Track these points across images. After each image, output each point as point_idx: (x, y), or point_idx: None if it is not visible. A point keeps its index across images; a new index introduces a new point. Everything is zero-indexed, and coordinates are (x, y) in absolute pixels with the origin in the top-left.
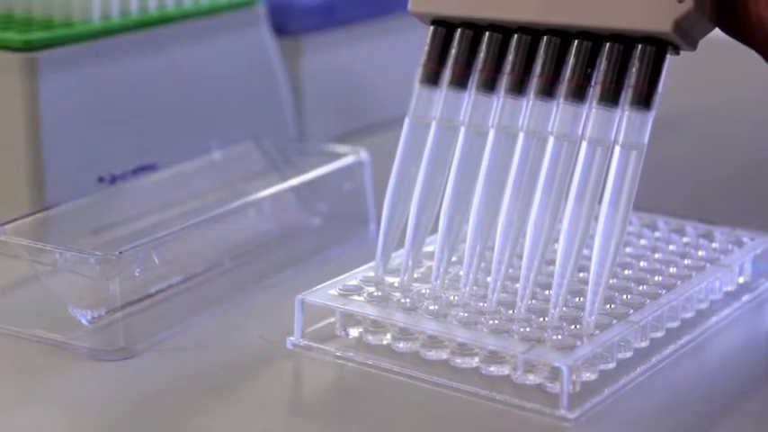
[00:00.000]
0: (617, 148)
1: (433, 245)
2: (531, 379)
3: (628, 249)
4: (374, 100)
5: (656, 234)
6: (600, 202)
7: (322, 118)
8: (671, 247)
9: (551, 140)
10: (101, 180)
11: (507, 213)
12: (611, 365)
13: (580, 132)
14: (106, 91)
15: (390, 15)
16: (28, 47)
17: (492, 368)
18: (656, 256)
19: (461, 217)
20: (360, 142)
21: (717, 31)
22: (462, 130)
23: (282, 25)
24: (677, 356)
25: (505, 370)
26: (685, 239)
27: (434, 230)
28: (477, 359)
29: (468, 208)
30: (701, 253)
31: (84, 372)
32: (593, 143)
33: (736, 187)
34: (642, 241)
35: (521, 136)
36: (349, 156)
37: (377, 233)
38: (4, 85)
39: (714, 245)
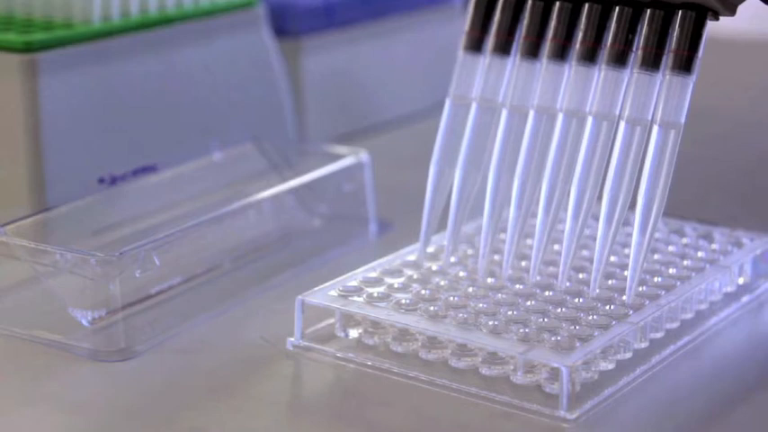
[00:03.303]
0: (655, 128)
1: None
2: (531, 379)
3: (627, 250)
4: (374, 101)
5: (656, 235)
6: (638, 180)
7: (322, 119)
8: (670, 248)
9: (590, 120)
10: (101, 181)
11: (548, 188)
12: (611, 366)
13: (618, 111)
14: (107, 92)
15: (390, 16)
16: (28, 48)
17: (491, 369)
18: (656, 256)
19: (508, 179)
20: (360, 143)
21: (717, 31)
22: (504, 111)
23: (282, 26)
24: (677, 357)
25: (505, 371)
26: (685, 240)
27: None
28: (476, 360)
29: (512, 175)
30: (700, 254)
31: (85, 372)
32: (631, 122)
33: (736, 188)
34: None
35: (560, 116)
36: (349, 157)
37: (377, 234)
38: (4, 87)
39: (713, 246)
